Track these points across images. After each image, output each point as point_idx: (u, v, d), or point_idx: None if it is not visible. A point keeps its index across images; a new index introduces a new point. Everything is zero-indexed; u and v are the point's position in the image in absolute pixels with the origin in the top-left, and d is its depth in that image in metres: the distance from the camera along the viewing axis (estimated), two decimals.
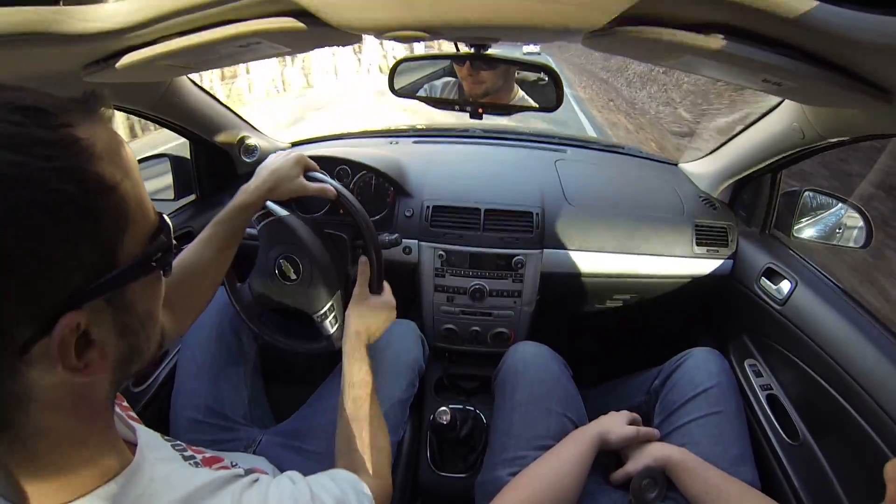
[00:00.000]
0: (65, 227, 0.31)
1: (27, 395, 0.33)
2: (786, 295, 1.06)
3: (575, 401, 0.97)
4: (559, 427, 0.90)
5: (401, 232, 1.19)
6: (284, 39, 0.67)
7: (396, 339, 1.05)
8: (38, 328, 0.31)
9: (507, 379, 0.99)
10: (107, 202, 0.34)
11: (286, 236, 0.96)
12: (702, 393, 0.92)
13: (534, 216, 1.24)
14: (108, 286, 0.34)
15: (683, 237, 1.25)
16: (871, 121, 0.80)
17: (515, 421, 0.91)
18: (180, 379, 0.99)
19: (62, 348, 0.32)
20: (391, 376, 0.99)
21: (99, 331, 0.34)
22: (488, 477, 0.87)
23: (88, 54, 0.67)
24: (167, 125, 1.18)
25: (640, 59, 0.76)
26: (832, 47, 0.50)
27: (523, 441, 0.88)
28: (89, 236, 0.33)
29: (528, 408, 0.92)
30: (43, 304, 0.31)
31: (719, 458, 0.82)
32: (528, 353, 1.03)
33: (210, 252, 0.81)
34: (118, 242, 0.35)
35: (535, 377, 0.97)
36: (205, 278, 0.82)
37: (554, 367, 1.00)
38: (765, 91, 0.71)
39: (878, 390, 0.81)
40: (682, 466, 0.81)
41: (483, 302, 1.26)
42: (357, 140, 1.65)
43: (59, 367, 0.32)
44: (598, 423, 0.91)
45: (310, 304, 0.98)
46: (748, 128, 1.18)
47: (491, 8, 0.53)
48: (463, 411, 1.19)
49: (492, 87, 0.90)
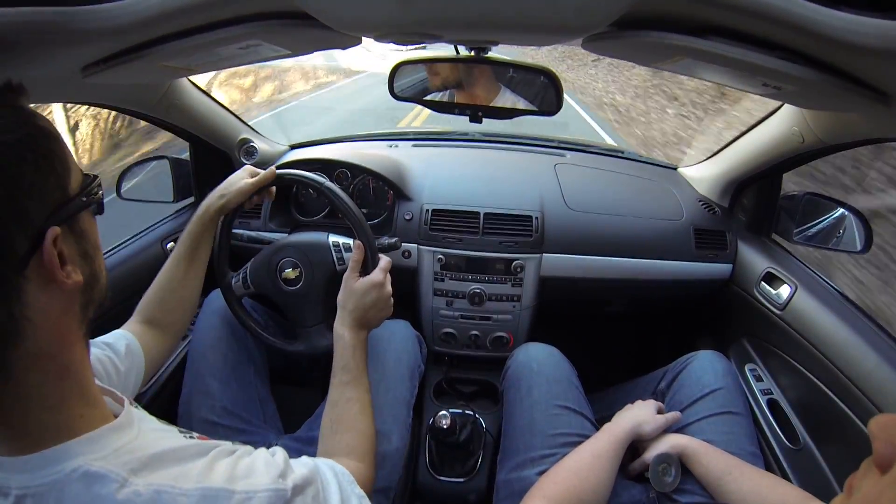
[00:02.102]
0: (35, 160, 0.41)
1: (25, 316, 0.40)
2: (785, 300, 1.06)
3: (586, 401, 0.98)
4: (580, 426, 0.91)
5: (400, 235, 1.19)
6: (284, 41, 0.67)
7: (397, 342, 1.05)
8: (31, 243, 0.40)
9: (522, 376, 0.99)
10: (55, 147, 0.43)
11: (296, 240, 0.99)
12: (710, 394, 0.93)
13: (533, 220, 1.24)
14: (67, 212, 0.43)
15: (683, 241, 1.25)
16: (871, 125, 0.80)
17: (537, 419, 0.91)
18: (192, 379, 0.98)
19: (50, 258, 0.40)
20: (396, 380, 0.99)
21: (68, 250, 0.43)
22: (514, 476, 0.86)
23: (88, 55, 0.67)
24: (166, 127, 1.18)
25: (639, 63, 0.77)
26: (831, 51, 0.50)
27: (549, 439, 0.88)
28: (51, 171, 0.42)
29: (548, 406, 0.92)
30: (31, 222, 0.40)
31: (733, 454, 0.83)
32: (541, 352, 1.03)
33: (180, 268, 0.88)
34: (67, 180, 0.44)
35: (551, 376, 0.97)
36: (182, 292, 0.89)
37: (566, 367, 1.01)
38: (764, 95, 0.71)
39: (878, 395, 0.81)
40: (701, 451, 0.83)
41: (482, 306, 1.26)
42: (356, 143, 1.65)
43: (50, 279, 0.41)
44: (630, 415, 0.90)
45: (302, 315, 1.00)
46: (748, 132, 1.18)
47: (490, 11, 0.53)
48: (462, 416, 1.18)
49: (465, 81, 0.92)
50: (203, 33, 0.61)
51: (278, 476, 0.48)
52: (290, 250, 1.01)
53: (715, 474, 0.79)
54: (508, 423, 0.96)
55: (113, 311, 1.06)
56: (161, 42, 0.64)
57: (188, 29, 0.62)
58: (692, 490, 0.82)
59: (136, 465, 0.42)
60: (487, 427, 1.20)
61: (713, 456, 0.82)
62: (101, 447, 0.42)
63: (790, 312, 1.04)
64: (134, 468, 0.41)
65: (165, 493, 0.40)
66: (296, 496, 0.48)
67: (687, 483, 0.83)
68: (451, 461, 1.15)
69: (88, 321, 0.47)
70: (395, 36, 0.63)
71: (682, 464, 0.84)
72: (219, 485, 0.43)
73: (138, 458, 0.42)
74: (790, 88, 0.60)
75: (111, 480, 0.39)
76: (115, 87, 0.88)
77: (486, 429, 1.19)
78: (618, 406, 0.99)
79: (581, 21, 0.52)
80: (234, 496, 0.43)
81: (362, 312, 0.83)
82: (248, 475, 0.46)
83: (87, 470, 0.40)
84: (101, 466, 0.40)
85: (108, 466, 0.40)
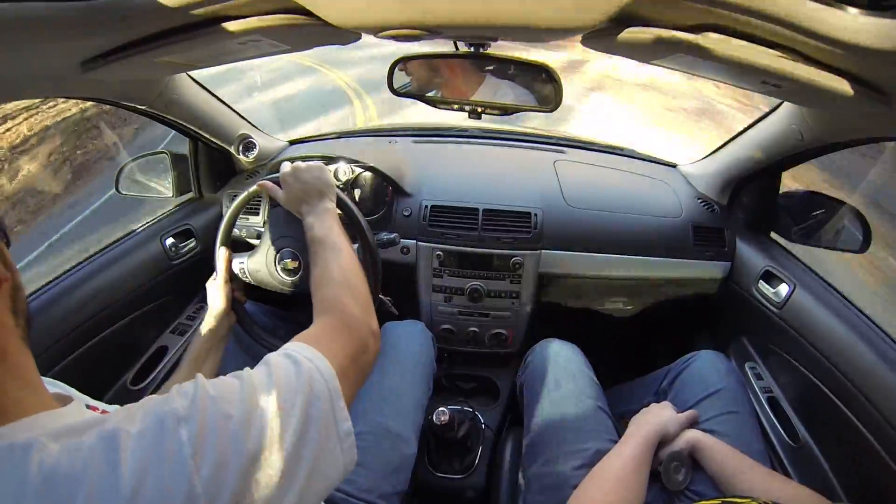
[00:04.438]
0: None
1: None
2: (783, 298, 1.06)
3: (604, 398, 0.99)
4: (606, 422, 0.92)
5: (399, 231, 1.19)
6: (283, 37, 0.67)
7: (415, 344, 1.06)
8: None
9: (549, 370, 1.00)
10: None
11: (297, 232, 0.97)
12: (714, 393, 0.93)
13: (532, 217, 1.24)
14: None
15: (681, 239, 1.25)
16: (871, 123, 0.80)
17: (568, 413, 0.92)
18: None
19: None
20: (414, 383, 0.99)
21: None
22: (546, 470, 0.86)
23: (87, 50, 0.67)
24: (166, 122, 1.17)
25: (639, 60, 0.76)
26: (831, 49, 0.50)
27: (583, 434, 0.89)
28: None
29: (579, 401, 0.94)
30: None
31: (744, 452, 0.83)
32: (564, 349, 1.05)
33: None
34: None
35: (577, 371, 0.99)
36: None
37: (586, 366, 1.02)
38: (764, 93, 0.71)
39: (875, 392, 0.81)
40: (715, 448, 0.83)
41: (481, 302, 1.26)
42: (356, 139, 1.65)
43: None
44: (654, 418, 0.89)
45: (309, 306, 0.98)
46: (747, 129, 1.18)
47: (489, 7, 0.53)
48: (461, 412, 1.19)
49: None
50: (203, 28, 0.61)
51: (171, 400, 0.43)
52: (287, 241, 1.00)
53: (727, 472, 0.80)
54: (535, 417, 0.95)
55: (113, 309, 1.07)
56: (160, 37, 0.64)
57: (188, 24, 0.62)
58: (704, 487, 0.82)
59: (60, 433, 0.40)
60: (486, 423, 1.20)
61: (725, 452, 0.82)
62: (33, 427, 0.41)
63: (789, 311, 1.04)
64: (57, 436, 0.40)
65: (75, 451, 0.39)
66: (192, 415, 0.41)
67: (699, 480, 0.83)
68: (450, 457, 1.15)
69: (24, 330, 0.46)
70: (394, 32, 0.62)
71: (693, 461, 0.85)
72: (111, 426, 0.40)
73: (63, 427, 0.41)
74: (789, 87, 0.60)
75: (31, 447, 0.38)
76: (114, 82, 0.88)
77: (484, 425, 1.20)
78: (620, 405, 1.00)
79: (580, 17, 0.52)
80: (130, 434, 0.39)
81: (302, 192, 0.85)
82: (143, 405, 0.43)
83: (12, 442, 0.39)
84: (26, 437, 0.39)
85: (32, 436, 0.39)
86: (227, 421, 0.42)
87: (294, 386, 0.47)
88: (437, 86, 0.95)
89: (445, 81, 0.94)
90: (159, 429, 0.40)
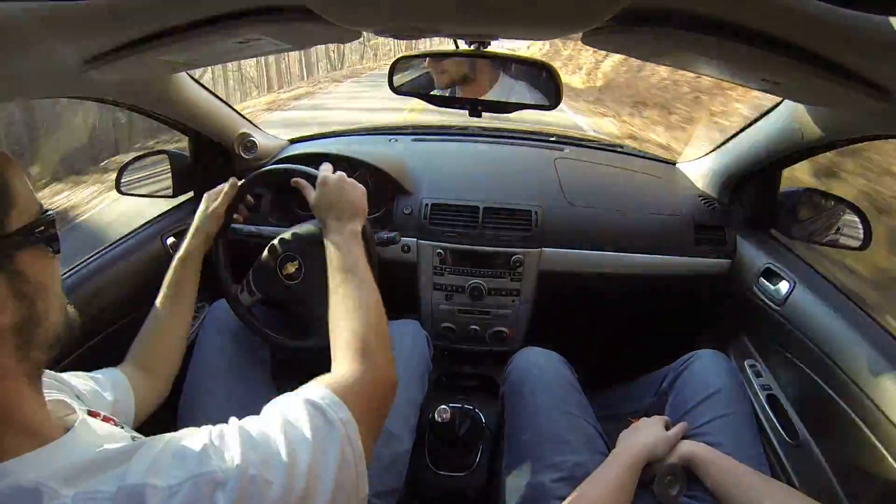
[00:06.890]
0: None
1: None
2: (784, 295, 1.06)
3: (588, 406, 0.97)
4: (587, 432, 0.91)
5: (399, 230, 1.19)
6: (284, 36, 0.67)
7: (410, 343, 1.05)
8: None
9: (525, 382, 0.98)
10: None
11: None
12: (714, 394, 0.93)
13: (532, 214, 1.24)
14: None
15: (682, 236, 1.25)
16: (871, 120, 0.79)
17: (543, 424, 0.91)
18: (194, 381, 0.97)
19: None
20: (408, 382, 0.98)
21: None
22: (527, 482, 0.86)
23: (88, 50, 0.67)
24: (166, 122, 1.17)
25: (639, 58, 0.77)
26: (831, 47, 0.50)
27: (558, 445, 0.88)
28: None
29: (554, 412, 0.92)
30: None
31: (739, 458, 0.83)
32: (541, 357, 1.03)
33: (164, 313, 0.86)
34: (4, 217, 0.41)
35: (553, 381, 0.97)
36: (167, 337, 0.86)
37: (567, 373, 1.00)
38: (764, 90, 0.71)
39: (876, 391, 0.81)
40: (709, 460, 0.82)
41: (481, 301, 1.26)
42: (356, 137, 1.64)
43: None
44: (642, 440, 0.87)
45: (310, 308, 0.98)
46: (747, 127, 1.18)
47: (490, 4, 0.53)
48: (461, 410, 1.19)
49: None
50: (204, 27, 0.61)
51: (207, 459, 0.41)
52: (287, 245, 1.00)
53: (725, 486, 0.79)
54: (514, 427, 0.95)
55: (113, 307, 1.07)
56: (162, 36, 0.64)
57: (189, 23, 0.62)
58: (701, 501, 0.81)
59: (70, 474, 0.39)
60: (487, 421, 1.20)
61: (722, 464, 0.81)
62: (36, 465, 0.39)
63: (789, 308, 1.04)
64: (67, 478, 0.38)
65: (91, 500, 0.37)
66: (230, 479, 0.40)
67: (695, 492, 0.82)
68: (451, 456, 1.15)
69: (38, 362, 0.44)
70: (394, 30, 0.63)
71: (689, 473, 0.83)
72: (137, 480, 0.38)
73: (72, 467, 0.40)
74: (789, 84, 0.60)
75: (41, 494, 0.37)
76: (115, 81, 0.88)
77: (485, 423, 1.20)
78: (620, 405, 0.99)
79: (581, 15, 0.52)
80: (158, 491, 0.38)
81: (338, 205, 0.81)
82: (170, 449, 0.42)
83: (19, 485, 0.37)
84: (33, 479, 0.37)
85: (40, 479, 0.38)
86: (268, 488, 0.41)
87: (329, 454, 0.47)
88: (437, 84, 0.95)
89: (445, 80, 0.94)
90: (193, 493, 0.39)
